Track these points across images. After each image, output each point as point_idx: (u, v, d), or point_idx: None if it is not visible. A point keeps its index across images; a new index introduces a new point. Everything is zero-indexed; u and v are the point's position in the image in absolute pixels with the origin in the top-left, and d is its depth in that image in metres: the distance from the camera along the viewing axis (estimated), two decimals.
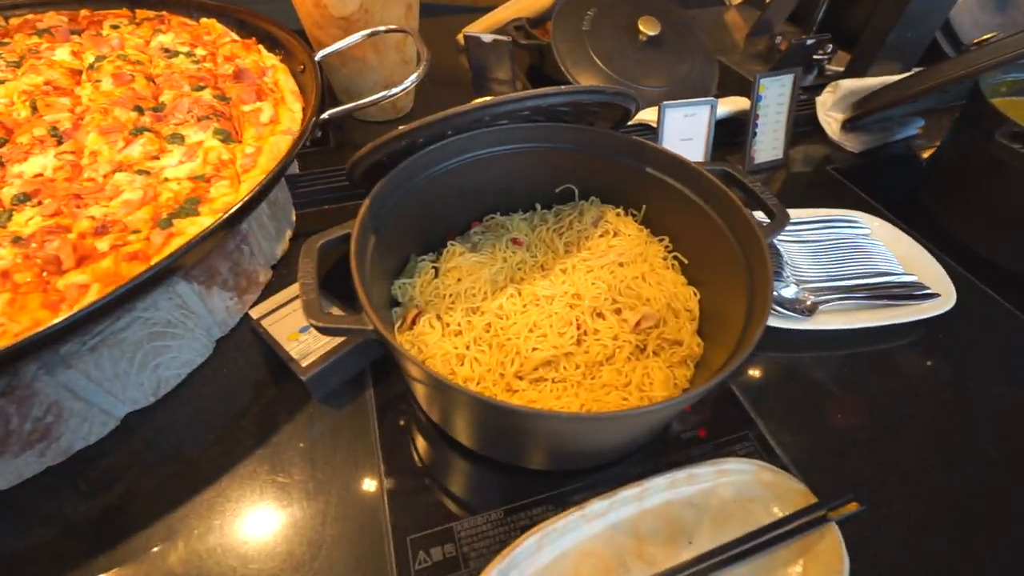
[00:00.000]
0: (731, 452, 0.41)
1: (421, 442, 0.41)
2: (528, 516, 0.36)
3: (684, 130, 0.59)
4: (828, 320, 0.48)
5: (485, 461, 0.39)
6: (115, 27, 0.66)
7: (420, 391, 0.38)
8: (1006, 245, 0.55)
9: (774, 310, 0.47)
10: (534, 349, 0.39)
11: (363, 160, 0.40)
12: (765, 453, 0.40)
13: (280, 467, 0.39)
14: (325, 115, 0.51)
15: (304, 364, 0.41)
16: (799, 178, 0.69)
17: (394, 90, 0.52)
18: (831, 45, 0.91)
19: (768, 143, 0.69)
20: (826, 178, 0.69)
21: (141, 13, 0.69)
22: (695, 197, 0.44)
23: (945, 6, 0.68)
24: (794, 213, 0.57)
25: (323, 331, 0.32)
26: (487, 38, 0.71)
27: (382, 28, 0.59)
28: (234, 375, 0.45)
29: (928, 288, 0.50)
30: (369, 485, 0.38)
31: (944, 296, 0.50)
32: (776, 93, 0.66)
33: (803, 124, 0.77)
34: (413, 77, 0.53)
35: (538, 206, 0.53)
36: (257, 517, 0.36)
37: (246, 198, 0.38)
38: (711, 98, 0.58)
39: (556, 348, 0.39)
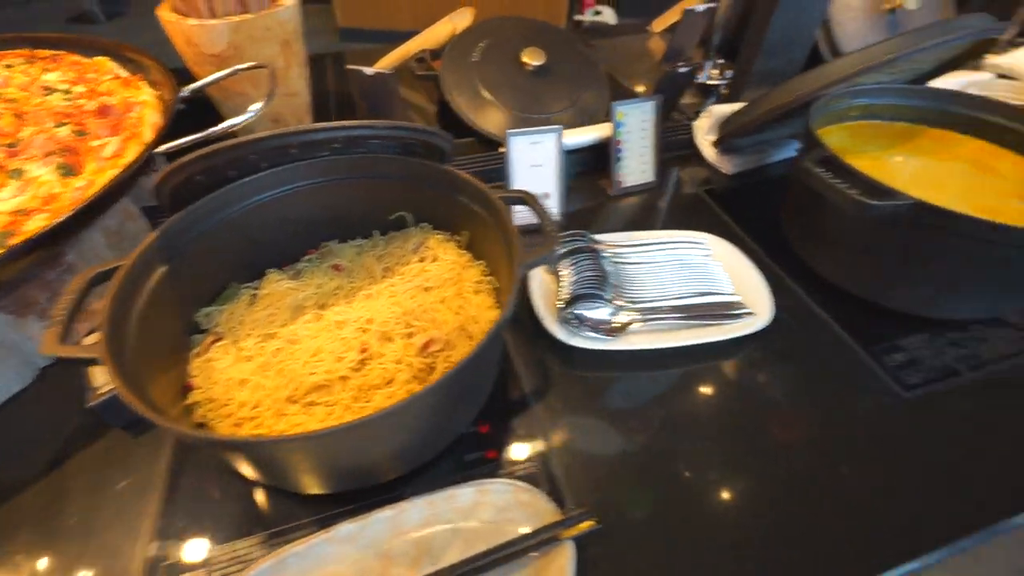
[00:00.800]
0: (511, 473, 0.41)
1: (202, 468, 0.42)
2: (289, 540, 0.37)
3: (533, 157, 0.61)
4: (639, 340, 0.49)
5: (261, 486, 0.40)
6: (9, 66, 0.69)
7: None
8: (828, 262, 0.56)
9: (578, 332, 0.49)
10: (311, 374, 0.40)
11: (162, 188, 0.42)
12: (545, 474, 0.41)
13: (64, 494, 0.40)
14: (159, 149, 0.53)
15: (100, 391, 0.42)
16: (667, 200, 0.71)
17: (223, 125, 0.54)
18: (730, 71, 0.93)
19: (636, 167, 0.70)
20: (695, 200, 0.71)
21: (40, 53, 0.73)
22: (492, 224, 0.45)
23: (805, 38, 0.70)
24: (640, 235, 0.59)
25: (66, 361, 0.34)
26: (368, 71, 0.74)
27: (241, 66, 0.61)
28: (52, 402, 0.46)
29: (746, 308, 0.51)
30: (145, 510, 0.39)
31: (759, 315, 0.51)
32: (638, 119, 0.68)
33: (690, 147, 0.79)
34: (254, 108, 0.56)
35: (376, 233, 0.55)
36: (29, 535, 0.37)
37: (31, 236, 0.40)
38: (557, 126, 0.60)
39: (329, 373, 0.40)
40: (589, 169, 0.75)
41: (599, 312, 0.49)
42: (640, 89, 0.96)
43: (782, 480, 0.42)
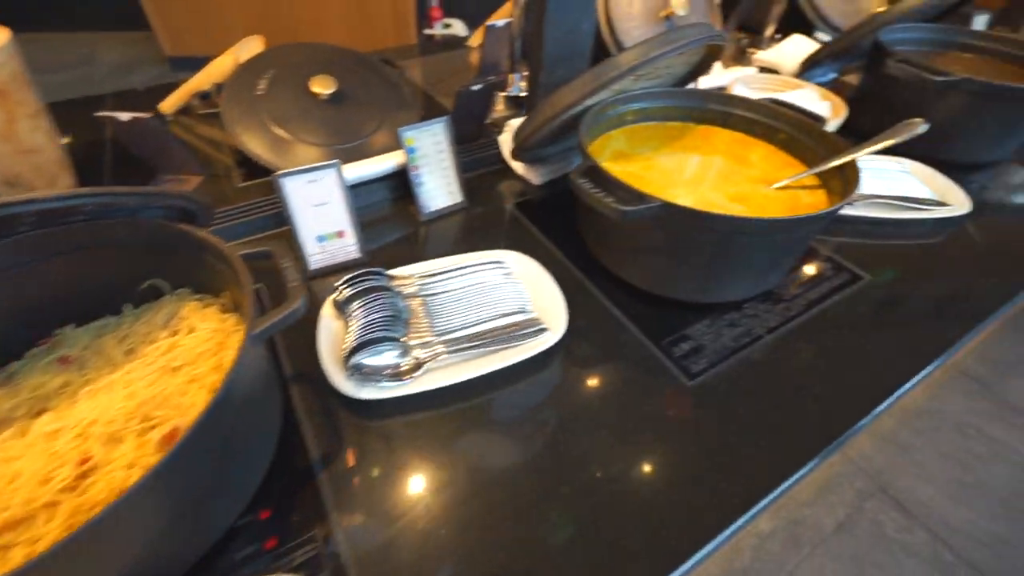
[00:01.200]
0: (290, 562, 0.37)
1: None
2: None
3: (314, 196, 0.57)
4: (438, 378, 0.47)
5: None
6: None
7: None
8: (618, 263, 0.59)
9: (366, 382, 0.45)
10: (3, 509, 0.33)
11: None
12: (328, 556, 0.37)
13: None
14: None
15: None
16: (479, 219, 0.70)
17: None
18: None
19: (440, 190, 0.69)
20: (505, 216, 0.71)
21: None
22: (235, 285, 0.41)
23: (582, 49, 0.73)
24: (441, 263, 0.57)
25: None
26: (124, 117, 0.65)
27: None
28: None
29: (542, 324, 0.51)
30: None
31: (553, 330, 0.51)
32: (431, 142, 0.66)
33: (504, 161, 0.80)
34: None
35: (128, 307, 0.47)
36: None
37: None
38: (334, 161, 0.57)
39: (30, 501, 0.33)
40: (401, 195, 0.73)
41: (384, 358, 0.47)
42: None
43: (587, 494, 0.41)
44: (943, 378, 1.51)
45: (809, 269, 0.63)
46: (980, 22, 1.07)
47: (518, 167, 0.77)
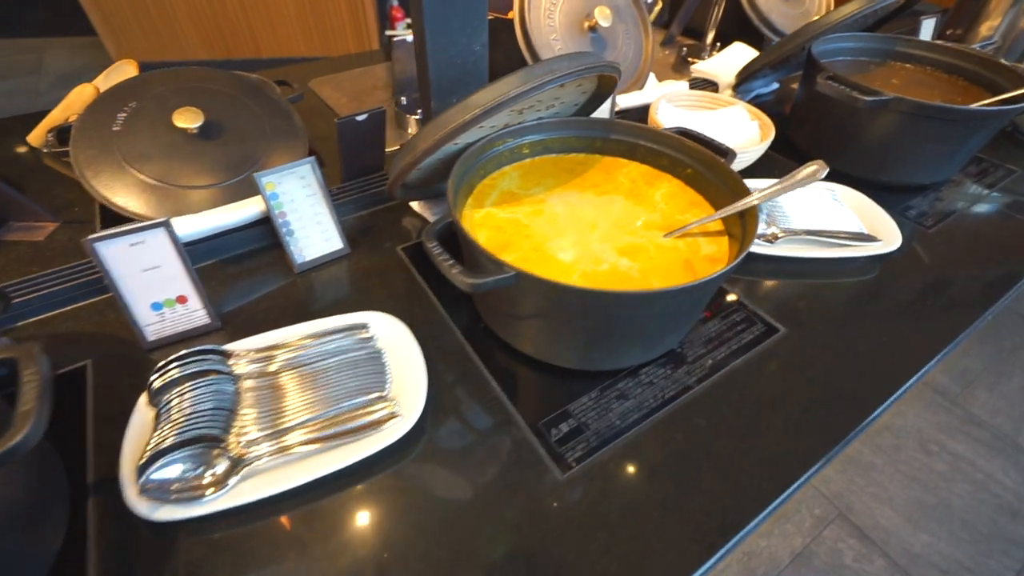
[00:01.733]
0: None
1: None
2: None
3: (143, 260, 0.49)
4: (259, 487, 0.39)
5: None
6: None
7: None
8: (500, 324, 0.52)
9: (165, 499, 0.38)
10: None
11: None
12: None
13: None
14: None
15: None
16: (363, 268, 0.63)
17: None
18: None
19: (316, 237, 0.61)
20: (392, 263, 0.63)
21: None
22: None
23: (476, 73, 0.66)
24: (290, 332, 0.50)
25: None
26: None
27: None
28: None
29: (395, 409, 0.44)
30: None
31: (405, 418, 0.44)
32: (297, 185, 0.59)
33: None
34: None
35: None
36: None
37: None
38: (163, 219, 0.49)
39: None
40: (274, 243, 0.64)
41: (189, 466, 0.39)
42: None
43: None
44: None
45: (717, 324, 0.56)
46: (927, 27, 1.01)
47: (415, 204, 0.70)
